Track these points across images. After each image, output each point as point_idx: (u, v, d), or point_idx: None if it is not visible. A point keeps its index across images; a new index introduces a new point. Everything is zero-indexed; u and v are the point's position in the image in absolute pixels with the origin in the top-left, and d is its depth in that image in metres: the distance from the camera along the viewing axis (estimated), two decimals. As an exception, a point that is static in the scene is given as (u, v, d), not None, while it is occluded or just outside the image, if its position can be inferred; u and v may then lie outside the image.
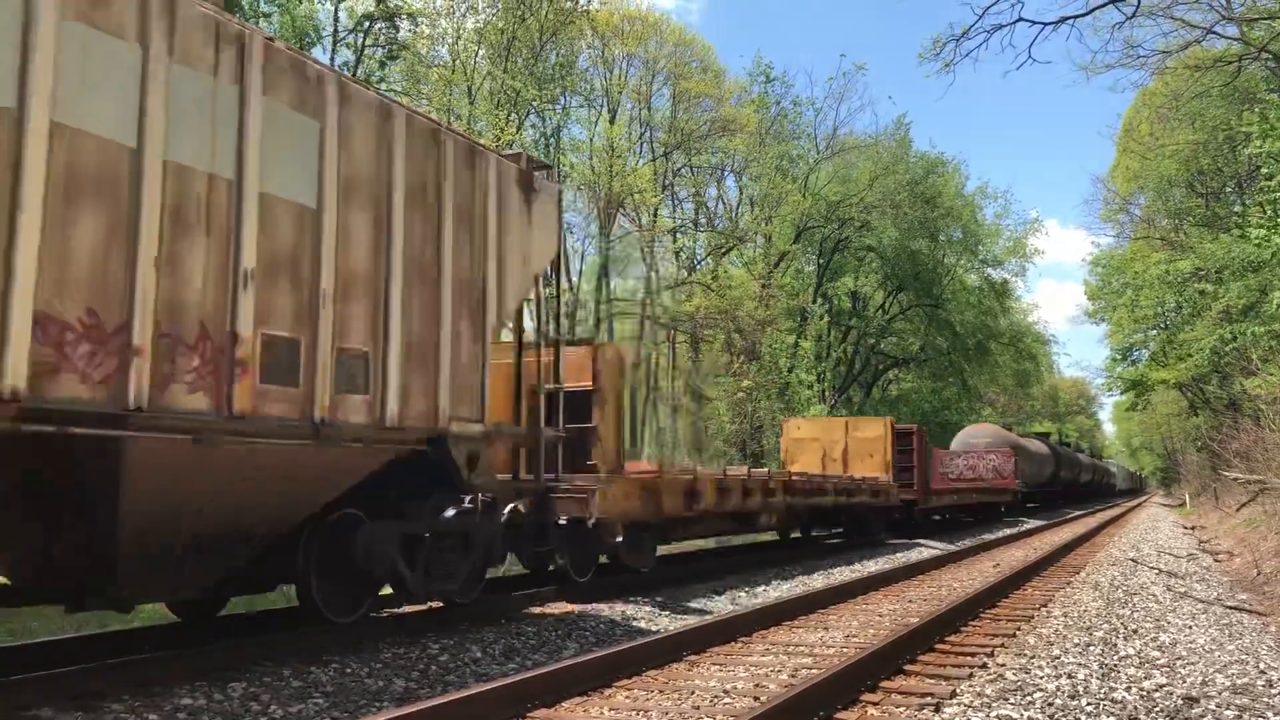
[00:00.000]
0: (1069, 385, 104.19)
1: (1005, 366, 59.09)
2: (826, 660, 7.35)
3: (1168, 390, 46.87)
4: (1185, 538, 24.97)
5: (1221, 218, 38.50)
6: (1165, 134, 37.93)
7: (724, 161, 44.22)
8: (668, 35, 41.15)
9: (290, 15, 26.01)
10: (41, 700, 5.75)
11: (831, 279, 48.59)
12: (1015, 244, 54.49)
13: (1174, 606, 10.77)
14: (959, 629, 8.97)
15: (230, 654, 6.96)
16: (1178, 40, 26.41)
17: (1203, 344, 32.33)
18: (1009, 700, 6.12)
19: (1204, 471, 51.34)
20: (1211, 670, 7.19)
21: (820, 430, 24.13)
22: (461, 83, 33.37)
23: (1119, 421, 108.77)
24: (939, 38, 19.35)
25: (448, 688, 6.68)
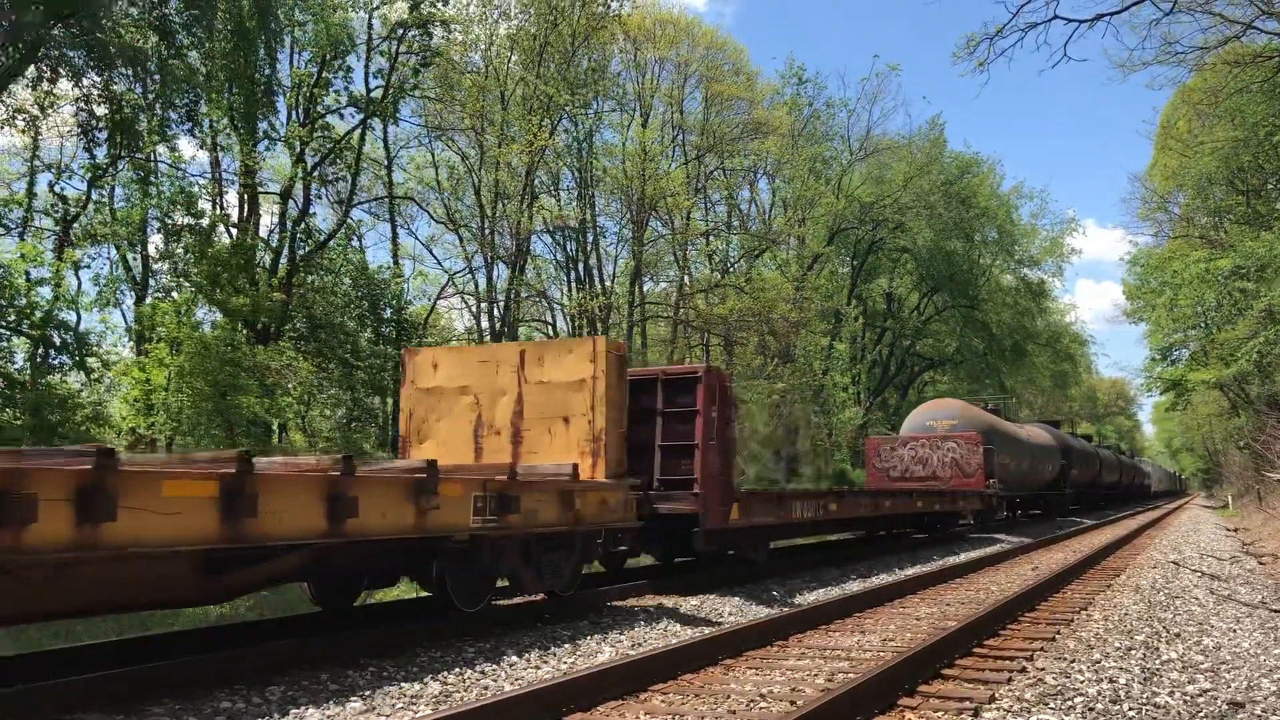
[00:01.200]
0: (1108, 386, 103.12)
1: (1042, 368, 58.56)
2: (863, 664, 7.31)
3: (1208, 390, 46.21)
4: (1228, 540, 24.60)
5: (1263, 215, 37.93)
6: (1204, 131, 37.41)
7: (757, 164, 44.15)
8: (699, 38, 41.14)
9: (325, 24, 26.15)
10: (85, 703, 5.82)
11: (866, 280, 48.37)
12: (1052, 244, 54.03)
13: (1217, 610, 10.61)
14: (997, 632, 8.89)
15: (269, 657, 7.02)
16: (1216, 36, 26.05)
17: (1249, 345, 31.85)
18: (1049, 705, 6.06)
19: (1246, 472, 50.62)
20: (1257, 675, 7.08)
21: (474, 368, 11.46)
22: (494, 89, 33.48)
23: (1159, 422, 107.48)
24: (973, 36, 19.17)
25: (483, 691, 6.69)
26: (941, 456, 25.25)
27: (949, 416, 27.89)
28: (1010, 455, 28.60)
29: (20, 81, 21.42)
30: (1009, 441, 29.01)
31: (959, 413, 28.24)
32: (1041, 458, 33.13)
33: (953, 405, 29.57)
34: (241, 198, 27.53)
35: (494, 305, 35.00)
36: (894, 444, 26.33)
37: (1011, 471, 28.61)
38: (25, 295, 21.15)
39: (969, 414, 28.21)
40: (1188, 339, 42.47)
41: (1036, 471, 32.43)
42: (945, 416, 27.96)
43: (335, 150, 28.49)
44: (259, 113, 26.08)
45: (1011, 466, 28.69)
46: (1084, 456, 41.29)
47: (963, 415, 27.88)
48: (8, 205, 24.07)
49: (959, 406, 29.17)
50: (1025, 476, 30.86)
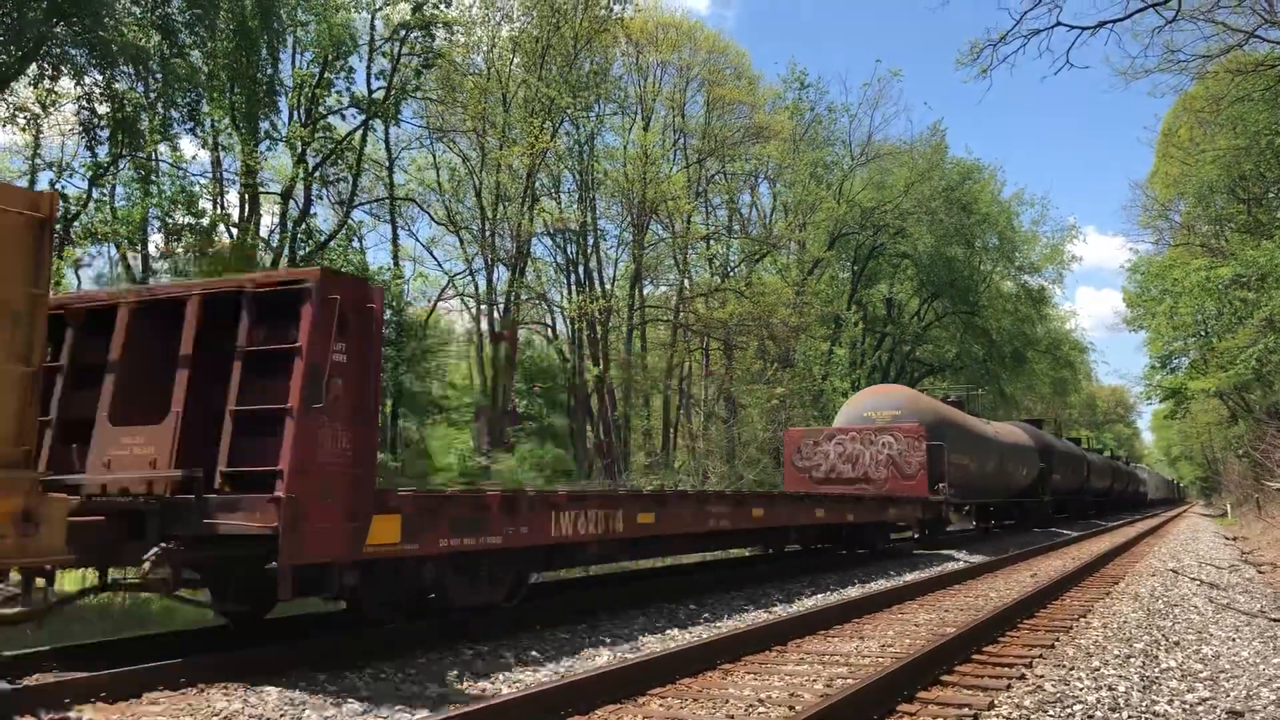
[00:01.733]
0: (1107, 393, 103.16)
1: (1042, 374, 58.57)
2: (862, 670, 7.29)
3: (1208, 398, 46.24)
4: (1227, 548, 24.59)
5: (1264, 224, 37.97)
6: (1206, 139, 37.45)
7: (758, 168, 44.12)
8: (701, 42, 41.15)
9: (327, 24, 26.16)
10: (80, 702, 5.80)
11: (866, 286, 48.37)
12: (1052, 250, 54.02)
13: (1216, 618, 10.60)
14: (996, 639, 8.87)
15: (266, 658, 7.00)
16: (1219, 44, 26.07)
17: (1248, 353, 31.85)
18: (1048, 712, 6.04)
19: (1245, 481, 50.64)
20: (1256, 684, 7.06)
21: None
22: (496, 91, 33.49)
23: (1158, 430, 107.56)
24: (976, 42, 19.18)
25: (482, 694, 6.68)
26: (875, 453, 20.86)
27: (892, 406, 22.91)
28: (970, 455, 24.17)
29: (22, 79, 21.41)
30: (968, 438, 24.37)
31: (904, 402, 23.35)
32: (1014, 459, 28.69)
33: (898, 393, 24.55)
34: (242, 198, 27.53)
35: (494, 307, 35.01)
36: (817, 438, 21.75)
37: (972, 474, 24.30)
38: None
39: (917, 404, 23.43)
40: (1188, 347, 42.51)
41: (1007, 475, 28.08)
42: (888, 406, 22.95)
43: (336, 151, 28.49)
44: (260, 113, 26.09)
45: (972, 468, 24.30)
46: (1068, 459, 37.24)
47: (909, 405, 23.07)
48: (9, 203, 24.04)
49: (905, 395, 24.24)
50: (991, 480, 26.49)
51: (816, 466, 21.27)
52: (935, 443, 21.42)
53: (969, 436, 24.67)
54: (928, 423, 22.13)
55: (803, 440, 22.03)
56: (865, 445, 21.11)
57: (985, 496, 27.06)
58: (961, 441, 23.64)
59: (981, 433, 26.27)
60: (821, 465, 21.34)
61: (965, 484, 23.78)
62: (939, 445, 21.52)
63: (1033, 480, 30.97)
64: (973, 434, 25.16)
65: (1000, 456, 27.08)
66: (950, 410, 25.06)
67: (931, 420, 22.53)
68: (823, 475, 21.16)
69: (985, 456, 25.69)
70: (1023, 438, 30.92)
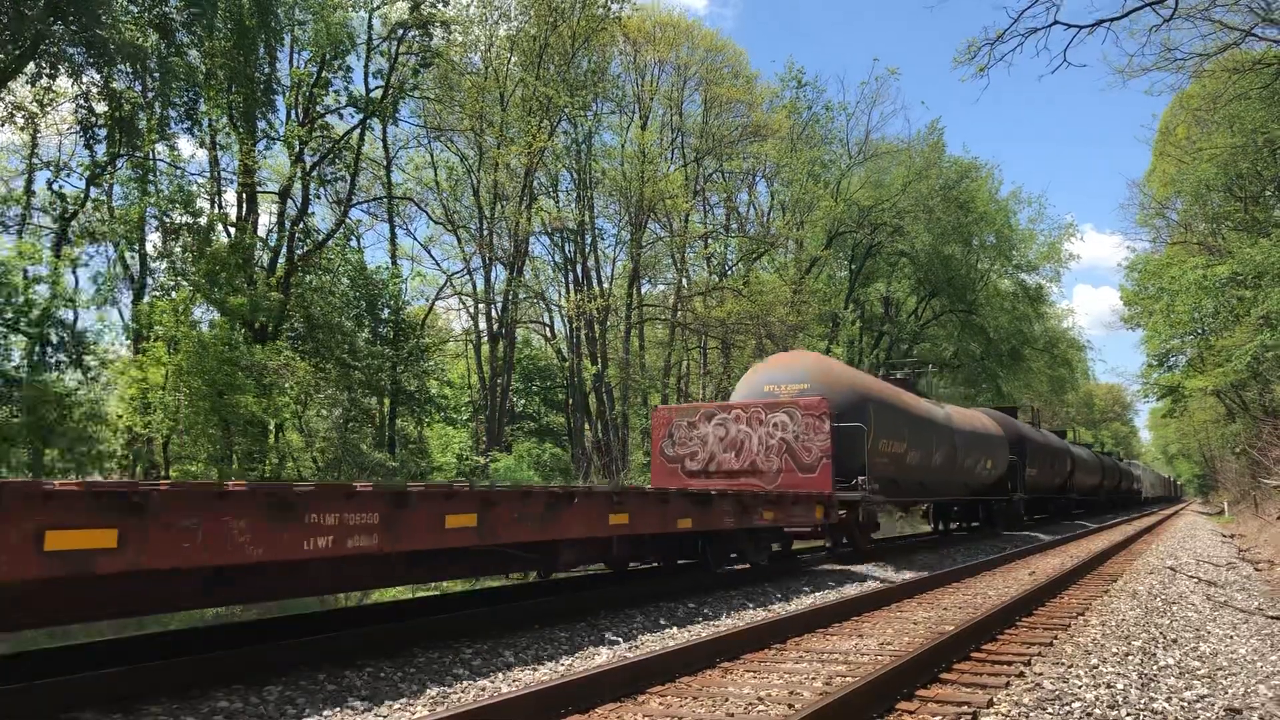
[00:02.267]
0: (1104, 391, 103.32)
1: (1039, 372, 58.68)
2: (861, 668, 7.30)
3: (1205, 396, 46.30)
4: (1224, 546, 24.62)
5: (1260, 222, 38.01)
6: (1203, 137, 37.50)
7: (755, 167, 44.21)
8: (699, 41, 41.19)
9: (325, 23, 26.17)
10: (82, 703, 5.81)
11: (864, 284, 48.43)
12: (1050, 249, 54.13)
13: (1214, 616, 10.62)
14: (995, 637, 8.88)
15: (266, 657, 7.01)
16: (1216, 43, 26.08)
17: (1244, 350, 31.90)
18: (1047, 710, 6.06)
19: (1243, 479, 50.74)
20: (1254, 681, 7.08)
21: None
22: (494, 89, 33.51)
23: (1155, 429, 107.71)
24: (973, 41, 19.15)
25: (480, 692, 6.69)
26: (766, 437, 16.18)
27: (796, 378, 17.78)
28: (908, 442, 19.54)
29: (19, 78, 21.41)
30: (905, 421, 19.65)
31: (814, 373, 17.92)
32: (975, 450, 24.27)
33: (806, 361, 18.84)
34: (240, 197, 27.53)
35: (492, 306, 35.00)
36: (694, 417, 16.96)
37: (911, 466, 19.96)
38: (23, 293, 21.15)
39: (829, 375, 17.97)
40: (1185, 345, 42.58)
41: (964, 469, 23.60)
42: (791, 378, 17.85)
43: (334, 150, 28.51)
44: (258, 112, 26.11)
45: (911, 458, 19.82)
46: (1046, 452, 33.07)
47: (819, 377, 17.75)
48: (6, 203, 24.10)
49: (814, 364, 18.61)
50: (940, 474, 22.12)
51: (691, 455, 16.63)
52: (851, 425, 16.80)
53: (906, 419, 19.72)
54: (841, 399, 17.21)
55: (674, 421, 17.01)
56: (753, 427, 16.38)
57: (933, 494, 22.79)
58: (894, 425, 18.83)
59: (926, 415, 21.38)
60: (698, 453, 16.56)
61: (902, 478, 19.62)
62: (856, 428, 16.86)
63: (1001, 475, 26.95)
64: (911, 416, 20.18)
65: (953, 446, 22.65)
66: (876, 385, 19.83)
67: (846, 396, 17.43)
68: (699, 466, 16.51)
69: (931, 445, 21.04)
70: (988, 425, 26.55)
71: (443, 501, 7.44)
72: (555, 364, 42.44)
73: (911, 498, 22.05)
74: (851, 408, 17.29)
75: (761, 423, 16.37)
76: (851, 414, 17.15)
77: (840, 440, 16.42)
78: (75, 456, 21.32)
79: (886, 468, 18.47)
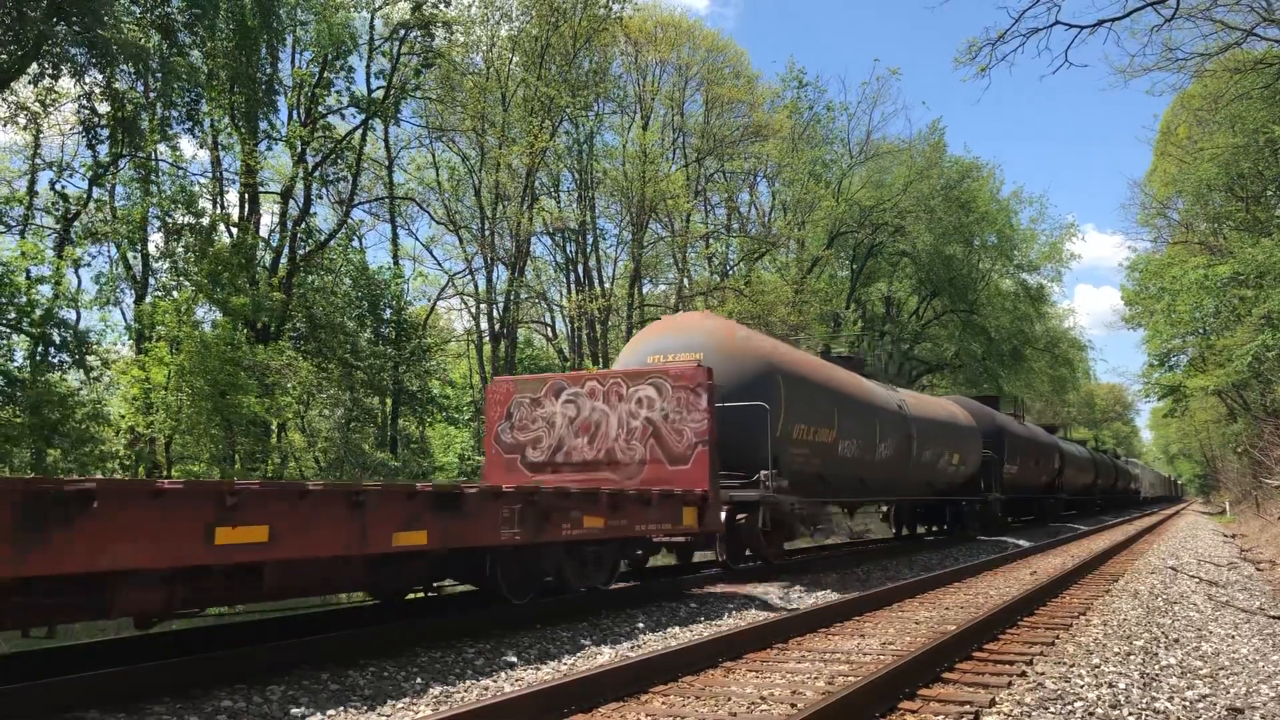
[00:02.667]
0: (1105, 391, 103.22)
1: (1041, 372, 58.65)
2: (864, 667, 7.32)
3: (1206, 396, 46.27)
4: (1225, 546, 24.62)
5: (1262, 222, 37.98)
6: (1204, 137, 37.48)
7: (756, 167, 44.21)
8: (700, 41, 41.20)
9: (327, 24, 26.19)
10: (85, 702, 5.82)
11: (865, 284, 48.43)
12: (1051, 249, 54.11)
13: (1215, 616, 10.63)
14: (997, 636, 8.89)
15: (269, 657, 7.02)
16: (1217, 43, 26.06)
17: (1244, 350, 31.87)
18: (1049, 709, 6.06)
19: (1244, 479, 50.73)
20: (1256, 681, 7.09)
21: None
22: (495, 90, 33.52)
23: (1156, 429, 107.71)
24: (975, 41, 19.11)
25: (483, 691, 6.70)
26: (627, 419, 12.16)
27: (689, 346, 14.21)
28: (837, 429, 16.03)
29: (22, 78, 21.43)
30: (838, 404, 16.21)
31: (709, 339, 14.30)
32: (937, 443, 21.08)
33: (701, 325, 14.91)
34: (242, 197, 27.57)
35: (493, 306, 35.02)
36: (538, 393, 12.71)
37: (845, 459, 16.55)
38: (25, 293, 21.18)
39: (730, 344, 14.28)
40: (1186, 345, 42.54)
41: (921, 465, 20.35)
42: (683, 346, 14.26)
43: (336, 150, 28.53)
44: (260, 112, 26.13)
45: (843, 450, 16.38)
46: (1030, 448, 29.75)
47: (718, 345, 14.16)
48: (9, 203, 24.11)
49: (711, 329, 14.65)
50: (891, 470, 18.85)
51: (535, 442, 12.50)
52: (751, 404, 13.62)
53: (836, 401, 16.22)
54: (741, 371, 13.90)
55: (515, 398, 12.68)
56: (611, 404, 12.18)
57: (879, 493, 19.54)
58: (817, 407, 15.45)
59: (865, 399, 17.76)
60: (543, 439, 12.45)
61: (833, 474, 16.37)
62: (757, 408, 13.59)
63: (973, 473, 23.96)
64: (843, 398, 16.62)
65: (908, 437, 19.39)
66: (794, 357, 16.03)
67: (749, 368, 14.01)
68: (543, 457, 12.37)
69: (875, 435, 17.76)
70: (957, 415, 23.43)
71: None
72: (557, 364, 42.47)
73: (847, 498, 18.33)
74: (755, 382, 13.84)
75: (622, 398, 12.19)
76: (755, 390, 13.76)
77: (737, 423, 13.29)
78: (78, 457, 21.34)
79: (807, 461, 15.11)
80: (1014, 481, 27.84)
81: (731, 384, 13.56)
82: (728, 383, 13.44)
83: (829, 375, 16.76)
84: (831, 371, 17.15)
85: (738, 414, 13.39)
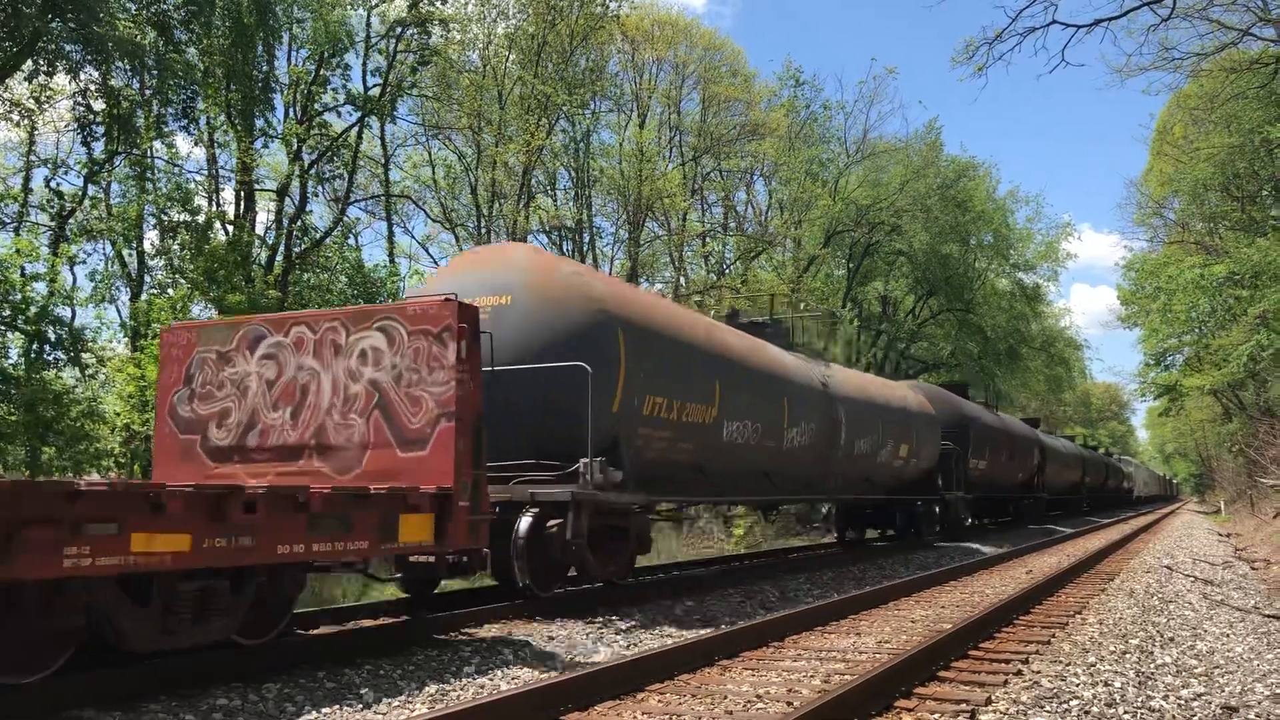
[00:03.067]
0: (1101, 390, 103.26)
1: (1037, 371, 58.69)
2: (860, 666, 7.32)
3: (1202, 396, 46.33)
4: (1220, 545, 24.68)
5: (1258, 221, 38.02)
6: (1200, 137, 37.50)
7: (753, 165, 44.21)
8: (697, 39, 41.18)
9: (323, 21, 26.15)
10: (82, 701, 5.81)
11: (861, 283, 48.42)
12: (1047, 248, 54.12)
13: (1210, 614, 10.65)
14: (993, 635, 8.91)
15: (266, 655, 7.01)
16: (1213, 42, 26.08)
17: (1240, 350, 31.90)
18: (1045, 708, 6.07)
19: (1239, 478, 50.80)
20: (1250, 679, 7.11)
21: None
22: (492, 88, 33.48)
23: (1152, 427, 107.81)
24: (972, 40, 19.10)
25: (480, 690, 6.70)
26: (345, 382, 8.33)
27: (497, 287, 10.50)
28: (707, 401, 12.30)
29: (17, 75, 21.40)
30: (714, 368, 12.57)
31: (522, 277, 10.60)
32: (874, 430, 17.75)
33: (514, 261, 11.02)
34: (238, 194, 27.53)
35: (490, 304, 34.93)
36: (229, 345, 8.82)
37: (734, 447, 13.01)
38: (20, 290, 21.13)
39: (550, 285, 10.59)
40: (1182, 344, 42.58)
41: (854, 456, 16.98)
42: (489, 288, 10.45)
43: (332, 148, 28.49)
44: (256, 109, 26.08)
45: (731, 434, 12.86)
46: (1003, 440, 26.71)
47: (534, 287, 10.52)
48: (3, 200, 24.06)
49: (525, 265, 10.90)
50: (808, 462, 15.36)
51: (221, 416, 8.78)
52: (565, 365, 9.91)
53: (717, 368, 12.55)
54: (556, 318, 10.24)
55: (196, 351, 8.99)
56: (324, 362, 8.51)
57: (790, 490, 15.63)
58: (683, 373, 11.77)
59: (765, 369, 14.01)
60: (231, 413, 8.73)
61: (713, 465, 12.69)
62: (574, 370, 9.87)
63: (930, 468, 21.07)
64: (726, 364, 12.82)
65: (833, 421, 15.95)
66: (639, 301, 11.97)
67: (575, 314, 10.35)
68: (230, 439, 8.70)
69: (781, 417, 14.11)
70: (908, 401, 20.49)
71: None
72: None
73: (745, 496, 14.94)
74: (582, 335, 10.13)
75: (340, 351, 8.37)
76: (581, 346, 10.03)
77: (553, 393, 9.88)
78: (72, 455, 21.31)
79: (671, 446, 11.61)
80: (983, 478, 25.04)
81: (548, 337, 9.94)
82: (542, 335, 9.95)
83: (706, 335, 12.74)
84: (711, 330, 13.22)
85: (554, 379, 9.82)
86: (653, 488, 11.47)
